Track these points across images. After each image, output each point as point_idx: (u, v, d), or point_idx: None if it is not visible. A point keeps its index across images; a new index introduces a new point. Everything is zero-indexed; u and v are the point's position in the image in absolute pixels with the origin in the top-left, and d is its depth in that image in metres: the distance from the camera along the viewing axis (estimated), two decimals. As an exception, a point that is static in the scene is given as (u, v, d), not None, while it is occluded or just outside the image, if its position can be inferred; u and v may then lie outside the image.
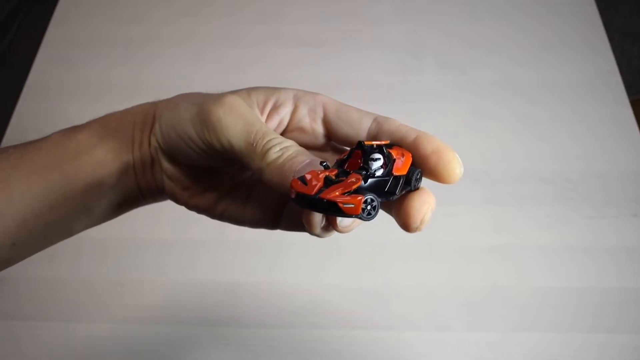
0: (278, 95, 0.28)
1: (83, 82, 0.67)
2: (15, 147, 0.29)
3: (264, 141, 0.25)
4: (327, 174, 0.23)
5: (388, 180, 0.23)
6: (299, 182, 0.23)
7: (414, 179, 0.24)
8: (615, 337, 0.50)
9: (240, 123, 0.25)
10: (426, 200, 0.24)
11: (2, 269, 0.29)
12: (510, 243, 0.55)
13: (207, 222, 0.56)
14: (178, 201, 0.31)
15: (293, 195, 0.23)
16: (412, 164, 0.24)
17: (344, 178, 0.23)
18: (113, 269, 0.54)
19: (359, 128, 0.27)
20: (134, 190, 0.30)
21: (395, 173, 0.23)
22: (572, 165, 0.60)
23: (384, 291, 0.52)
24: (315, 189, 0.22)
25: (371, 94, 0.65)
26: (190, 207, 0.31)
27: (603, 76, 0.66)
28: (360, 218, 0.22)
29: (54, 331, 0.51)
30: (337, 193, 0.22)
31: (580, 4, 0.72)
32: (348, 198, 0.21)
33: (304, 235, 0.59)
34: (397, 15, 0.72)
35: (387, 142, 0.25)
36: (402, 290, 0.52)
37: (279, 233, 0.56)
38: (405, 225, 0.24)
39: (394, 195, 0.23)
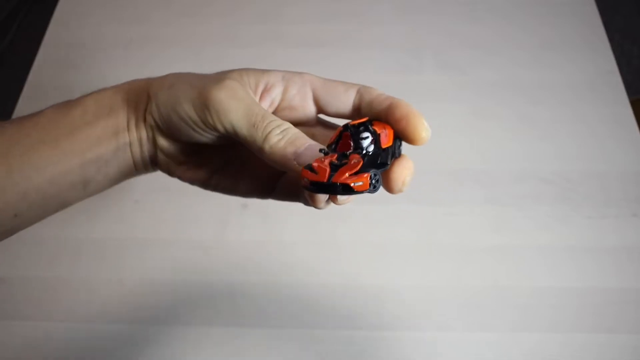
0: (268, 77, 0.29)
1: (83, 82, 0.67)
2: (11, 122, 0.30)
3: (264, 123, 0.27)
4: (330, 159, 0.25)
5: (379, 154, 0.26)
6: (309, 172, 0.25)
7: (397, 148, 0.27)
8: (615, 337, 0.50)
9: (242, 106, 0.27)
10: (406, 166, 0.27)
11: (4, 239, 0.30)
12: (510, 243, 0.55)
13: (207, 222, 0.56)
14: (172, 174, 0.32)
15: (306, 184, 0.25)
16: (394, 135, 0.27)
17: (346, 161, 0.25)
18: (113, 269, 0.54)
19: (346, 101, 0.29)
20: (128, 165, 0.31)
21: (383, 146, 0.26)
22: (572, 165, 0.60)
23: (384, 291, 0.52)
24: (327, 176, 0.24)
25: (371, 94, 0.65)
26: (184, 180, 0.32)
27: (603, 76, 0.66)
28: (369, 192, 0.25)
29: (54, 331, 0.51)
30: (346, 175, 0.24)
31: (580, 4, 0.72)
32: (356, 178, 0.24)
33: (304, 235, 0.59)
34: (397, 15, 0.72)
35: (367, 119, 0.27)
36: (402, 290, 0.52)
37: (279, 233, 0.56)
38: (390, 189, 0.27)
39: (386, 166, 0.26)
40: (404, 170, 0.27)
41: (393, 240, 0.55)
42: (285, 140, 0.27)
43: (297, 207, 0.58)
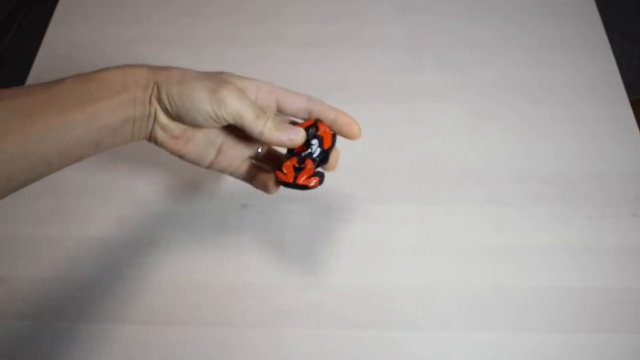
0: (247, 84, 0.40)
1: (83, 82, 0.67)
2: (42, 86, 0.35)
3: (265, 116, 0.39)
4: (293, 163, 0.40)
5: (322, 154, 0.40)
6: (281, 173, 0.40)
7: (334, 145, 0.41)
8: (615, 337, 0.50)
9: (248, 104, 0.38)
10: (337, 157, 0.43)
11: (34, 182, 0.36)
12: (510, 243, 0.55)
13: (207, 222, 0.56)
14: (165, 147, 0.41)
15: (279, 181, 0.41)
16: (332, 135, 0.41)
17: (304, 165, 0.40)
18: (113, 269, 0.54)
19: (298, 106, 0.41)
20: (128, 133, 0.39)
21: (325, 147, 0.40)
22: (572, 165, 0.60)
23: (384, 291, 0.52)
24: (291, 177, 0.40)
25: (371, 94, 0.65)
26: (172, 151, 0.41)
27: (603, 76, 0.66)
28: (319, 186, 0.40)
29: (54, 331, 0.51)
30: (305, 177, 0.40)
31: (580, 4, 0.72)
32: (310, 179, 0.40)
33: (304, 235, 0.59)
34: (397, 15, 0.72)
35: (313, 121, 0.41)
36: (402, 290, 0.52)
37: (279, 233, 0.56)
38: (328, 170, 0.42)
39: (327, 160, 0.41)
40: (336, 159, 0.43)
41: (393, 240, 0.55)
42: (277, 128, 0.39)
43: (297, 207, 0.58)
